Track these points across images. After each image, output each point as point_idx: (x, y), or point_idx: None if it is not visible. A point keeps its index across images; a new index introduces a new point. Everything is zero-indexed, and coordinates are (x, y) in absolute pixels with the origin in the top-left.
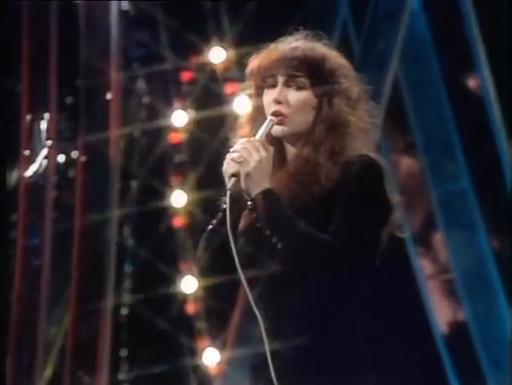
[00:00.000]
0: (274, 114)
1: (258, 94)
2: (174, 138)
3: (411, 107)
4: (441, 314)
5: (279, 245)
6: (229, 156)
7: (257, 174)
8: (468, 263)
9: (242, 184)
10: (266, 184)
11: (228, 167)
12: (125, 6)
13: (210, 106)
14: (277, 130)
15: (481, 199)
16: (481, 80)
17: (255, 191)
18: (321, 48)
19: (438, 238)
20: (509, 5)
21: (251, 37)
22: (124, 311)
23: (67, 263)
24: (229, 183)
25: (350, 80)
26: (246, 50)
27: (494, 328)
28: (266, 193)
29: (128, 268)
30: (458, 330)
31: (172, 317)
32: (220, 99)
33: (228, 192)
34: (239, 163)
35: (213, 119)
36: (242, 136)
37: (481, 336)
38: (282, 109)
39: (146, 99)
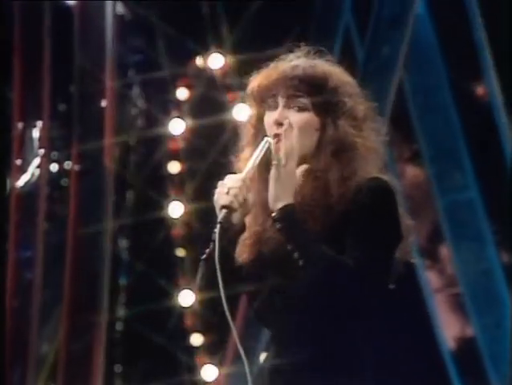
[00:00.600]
0: (276, 137)
1: (260, 115)
2: (171, 146)
3: (416, 115)
4: (449, 328)
5: (301, 262)
6: (220, 186)
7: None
8: (476, 276)
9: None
10: (289, 199)
11: (219, 198)
12: (120, 10)
13: (208, 113)
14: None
15: (490, 209)
16: (488, 86)
17: (278, 204)
18: (323, 65)
19: (445, 250)
20: None
21: (252, 43)
22: (119, 326)
23: (60, 276)
24: (220, 214)
25: (354, 98)
26: (247, 56)
27: (503, 343)
28: (289, 209)
29: (122, 281)
30: (466, 346)
31: (169, 332)
32: (218, 107)
33: (218, 224)
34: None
35: (211, 127)
36: (244, 159)
37: (490, 351)
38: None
39: (142, 107)
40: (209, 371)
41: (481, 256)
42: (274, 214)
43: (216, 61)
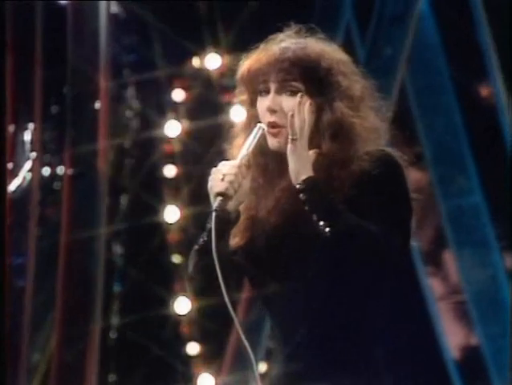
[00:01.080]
0: (270, 125)
1: (252, 100)
2: (167, 149)
3: (419, 116)
4: (452, 337)
5: (328, 231)
6: (214, 172)
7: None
8: (480, 283)
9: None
10: (310, 172)
11: (214, 185)
12: (114, 8)
13: (205, 115)
14: (274, 143)
15: (495, 214)
16: (493, 87)
17: (301, 177)
18: (314, 45)
19: (449, 257)
20: None
21: (248, 43)
22: (113, 334)
23: (53, 283)
24: (215, 202)
25: (350, 77)
26: (243, 56)
27: (509, 353)
28: (312, 180)
29: (117, 288)
30: (470, 355)
31: (165, 340)
32: (215, 108)
33: (213, 213)
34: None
35: (207, 129)
36: (238, 145)
37: (495, 361)
38: (278, 119)
39: (137, 108)
40: (205, 380)
41: (485, 262)
42: (298, 186)
43: (213, 61)
